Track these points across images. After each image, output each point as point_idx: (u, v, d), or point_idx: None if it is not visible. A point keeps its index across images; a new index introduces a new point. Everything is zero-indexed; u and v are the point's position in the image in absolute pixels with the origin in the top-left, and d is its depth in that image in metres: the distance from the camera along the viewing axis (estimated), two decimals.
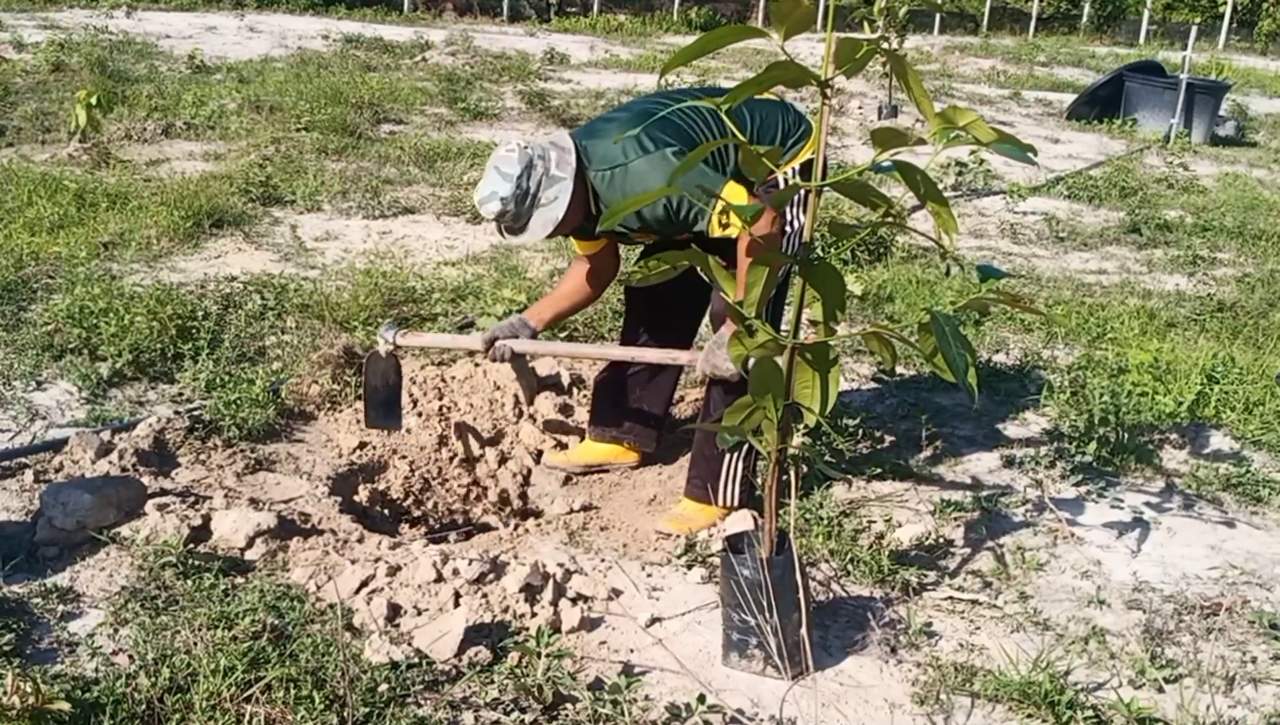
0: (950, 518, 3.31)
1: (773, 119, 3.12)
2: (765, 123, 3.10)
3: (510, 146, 3.02)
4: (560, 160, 2.99)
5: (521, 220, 3.01)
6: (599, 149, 3.02)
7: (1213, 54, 18.35)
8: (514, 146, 3.01)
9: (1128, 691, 2.57)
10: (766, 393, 2.25)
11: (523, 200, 2.98)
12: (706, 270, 2.29)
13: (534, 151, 2.99)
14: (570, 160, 2.99)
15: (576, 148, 3.02)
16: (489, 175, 3.01)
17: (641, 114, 3.04)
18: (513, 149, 3.00)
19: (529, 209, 2.99)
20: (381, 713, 2.31)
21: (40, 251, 5.03)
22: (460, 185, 6.96)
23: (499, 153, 3.03)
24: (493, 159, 3.03)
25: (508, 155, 3.00)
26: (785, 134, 3.12)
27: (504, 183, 2.97)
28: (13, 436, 3.46)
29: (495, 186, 2.98)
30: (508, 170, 2.98)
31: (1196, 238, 6.93)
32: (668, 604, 2.83)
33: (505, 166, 2.98)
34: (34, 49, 10.35)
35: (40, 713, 2.12)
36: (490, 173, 3.01)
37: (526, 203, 2.98)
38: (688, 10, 19.59)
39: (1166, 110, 10.88)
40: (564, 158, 2.99)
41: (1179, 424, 4.02)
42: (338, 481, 3.43)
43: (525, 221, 3.01)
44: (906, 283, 5.45)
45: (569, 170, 2.97)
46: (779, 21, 1.89)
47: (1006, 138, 2.02)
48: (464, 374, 4.04)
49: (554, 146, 3.02)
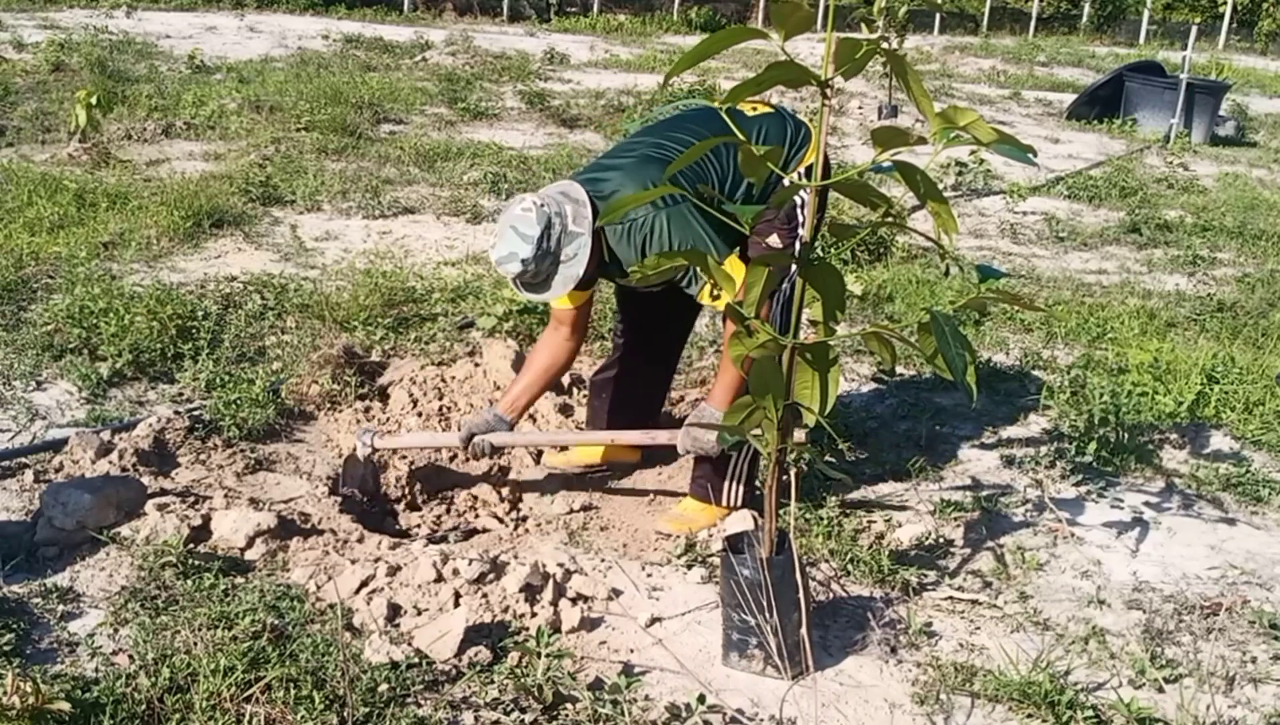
0: (950, 518, 3.31)
1: (777, 130, 3.12)
2: (769, 136, 3.10)
3: (526, 206, 2.95)
4: (576, 215, 2.95)
5: (541, 277, 2.98)
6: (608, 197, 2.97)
7: (1213, 54, 18.34)
8: (530, 206, 2.94)
9: (1128, 691, 2.57)
10: (766, 393, 2.25)
11: (544, 259, 2.93)
12: (706, 270, 2.29)
13: (550, 209, 2.93)
14: (586, 214, 2.95)
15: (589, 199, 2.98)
16: (506, 235, 2.95)
17: (644, 159, 3.01)
18: (529, 208, 2.94)
19: (550, 267, 2.96)
20: (381, 713, 2.31)
21: (40, 251, 5.03)
22: (460, 185, 6.96)
23: (514, 212, 2.97)
24: (508, 218, 2.97)
25: (524, 215, 2.94)
26: (789, 143, 3.12)
27: (524, 244, 2.91)
28: (13, 436, 3.46)
29: (514, 247, 2.93)
30: (526, 231, 2.92)
31: (1196, 238, 6.93)
32: (668, 604, 2.83)
33: (524, 227, 2.92)
34: (34, 49, 10.35)
35: (40, 713, 2.12)
36: (507, 232, 2.95)
37: (548, 261, 2.95)
38: (688, 10, 19.59)
39: (1166, 110, 10.88)
40: (580, 212, 2.95)
41: (1179, 424, 4.02)
42: (338, 481, 3.42)
43: (546, 279, 2.98)
44: (906, 283, 5.45)
45: (586, 224, 2.94)
46: (779, 22, 1.90)
47: (1006, 138, 2.02)
48: (464, 374, 4.04)
49: (568, 200, 2.97)
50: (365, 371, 4.03)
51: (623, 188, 2.99)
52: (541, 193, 3.02)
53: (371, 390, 3.94)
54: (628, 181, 2.99)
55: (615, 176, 3.03)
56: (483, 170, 7.16)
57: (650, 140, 3.15)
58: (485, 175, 7.03)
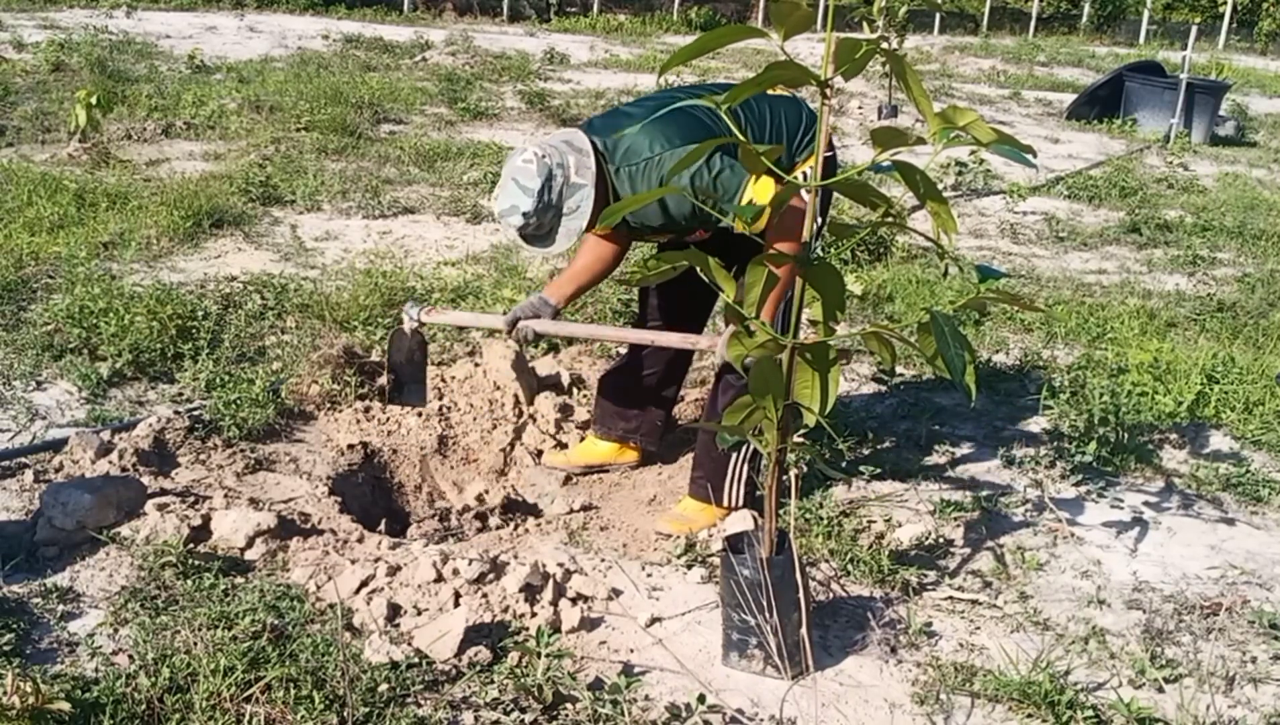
0: (950, 518, 3.31)
1: (793, 114, 3.09)
2: (786, 117, 3.06)
3: (527, 156, 2.89)
4: (579, 165, 2.89)
5: (545, 230, 2.93)
6: (621, 145, 2.92)
7: (1213, 54, 18.35)
8: (531, 157, 2.88)
9: (1128, 691, 2.57)
10: (766, 393, 2.25)
11: (545, 212, 2.88)
12: (706, 271, 2.29)
13: (552, 160, 2.88)
14: (589, 164, 2.90)
15: (594, 146, 2.93)
16: (507, 187, 2.90)
17: (660, 108, 2.93)
18: (530, 159, 2.88)
19: (553, 220, 2.91)
20: (381, 713, 2.31)
21: (40, 251, 5.03)
22: (460, 185, 6.96)
23: (515, 163, 2.91)
24: (509, 169, 2.92)
25: (525, 166, 2.88)
26: (805, 130, 3.08)
27: (525, 197, 2.87)
28: (13, 436, 3.46)
29: (515, 200, 2.88)
30: (527, 183, 2.86)
31: (1196, 238, 6.93)
32: (668, 604, 2.83)
33: (524, 179, 2.87)
34: (34, 49, 10.35)
35: (40, 713, 2.12)
36: (508, 185, 2.90)
37: (550, 214, 2.90)
38: (688, 10, 19.59)
39: (1166, 110, 10.88)
40: (583, 162, 2.90)
41: (1179, 424, 4.02)
42: (338, 481, 3.43)
43: (549, 231, 2.93)
44: (906, 283, 5.45)
45: (589, 175, 2.88)
46: (779, 22, 1.89)
47: (1006, 138, 2.02)
48: (464, 374, 4.04)
49: (571, 149, 2.91)
50: (365, 371, 4.03)
51: (637, 137, 2.91)
52: (544, 142, 2.95)
53: (371, 390, 3.94)
54: (642, 130, 2.90)
55: (629, 122, 2.94)
56: (483, 170, 7.16)
57: (665, 95, 3.08)
58: (485, 175, 7.03)
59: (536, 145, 2.93)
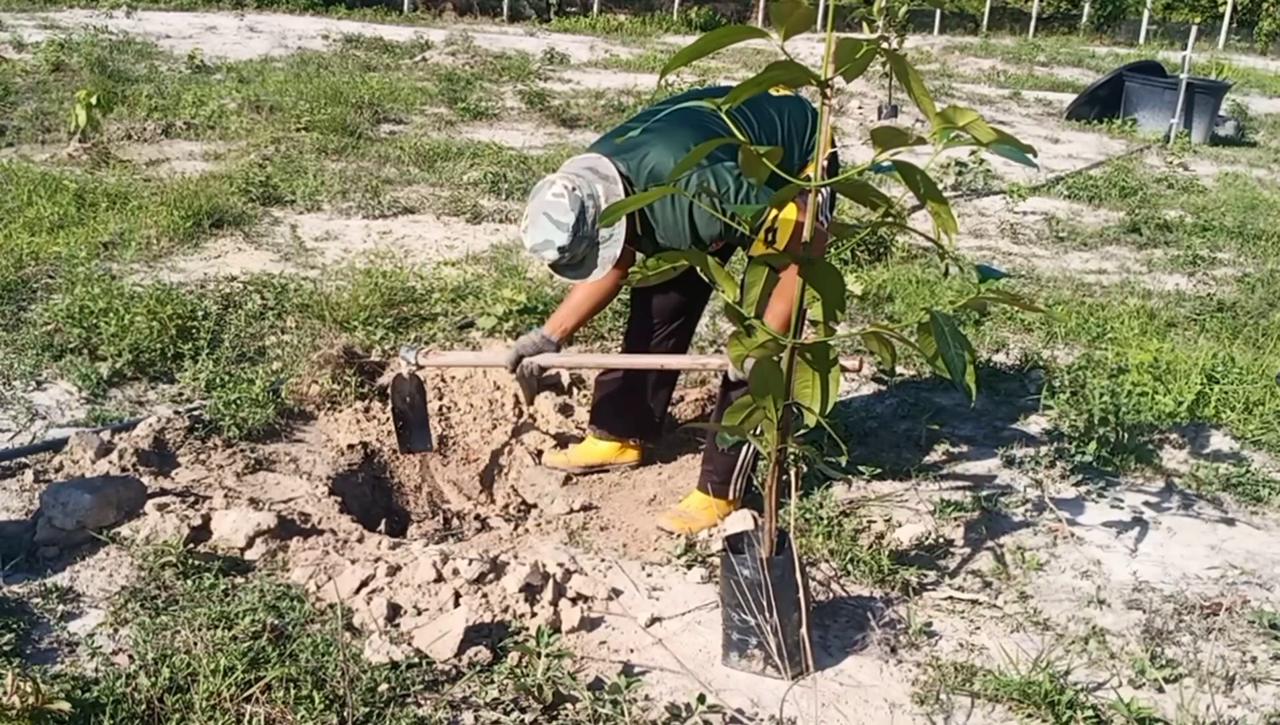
0: (950, 518, 3.31)
1: (800, 114, 3.10)
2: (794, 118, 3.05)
3: (557, 190, 2.89)
4: (609, 192, 2.91)
5: (579, 260, 2.95)
6: (645, 167, 2.93)
7: (1213, 54, 18.35)
8: (561, 191, 2.89)
9: (1128, 691, 2.57)
10: (766, 393, 2.25)
11: (580, 243, 2.90)
12: (706, 271, 2.29)
13: (583, 191, 2.88)
14: (618, 191, 2.92)
15: (619, 171, 2.94)
16: (539, 222, 2.90)
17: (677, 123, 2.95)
18: (560, 193, 2.88)
19: (588, 249, 2.93)
20: (381, 713, 2.31)
21: (40, 251, 5.03)
22: (460, 185, 6.96)
23: (545, 197, 2.91)
24: (539, 204, 2.91)
25: (557, 201, 2.88)
26: (812, 130, 3.09)
27: (559, 232, 2.88)
28: (13, 436, 3.46)
29: (550, 236, 2.89)
30: (561, 217, 2.87)
31: (1196, 238, 6.93)
32: (668, 604, 2.83)
33: (557, 214, 2.88)
34: (34, 49, 10.35)
35: (40, 713, 2.12)
36: (540, 220, 2.90)
37: (584, 245, 2.92)
38: (688, 10, 19.59)
39: (1166, 110, 10.88)
40: (611, 190, 2.91)
41: (1179, 424, 4.02)
42: (338, 481, 3.43)
43: (583, 261, 2.96)
44: (906, 283, 5.45)
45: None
46: (779, 22, 1.89)
47: (1006, 138, 2.02)
48: (464, 374, 4.04)
49: (599, 177, 2.92)
50: (365, 371, 4.03)
51: (661, 158, 2.92)
52: (569, 173, 2.95)
53: (371, 390, 3.94)
54: (665, 150, 2.91)
55: (649, 146, 2.95)
56: (483, 170, 7.16)
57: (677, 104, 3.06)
58: (485, 175, 7.03)
59: (564, 177, 2.93)
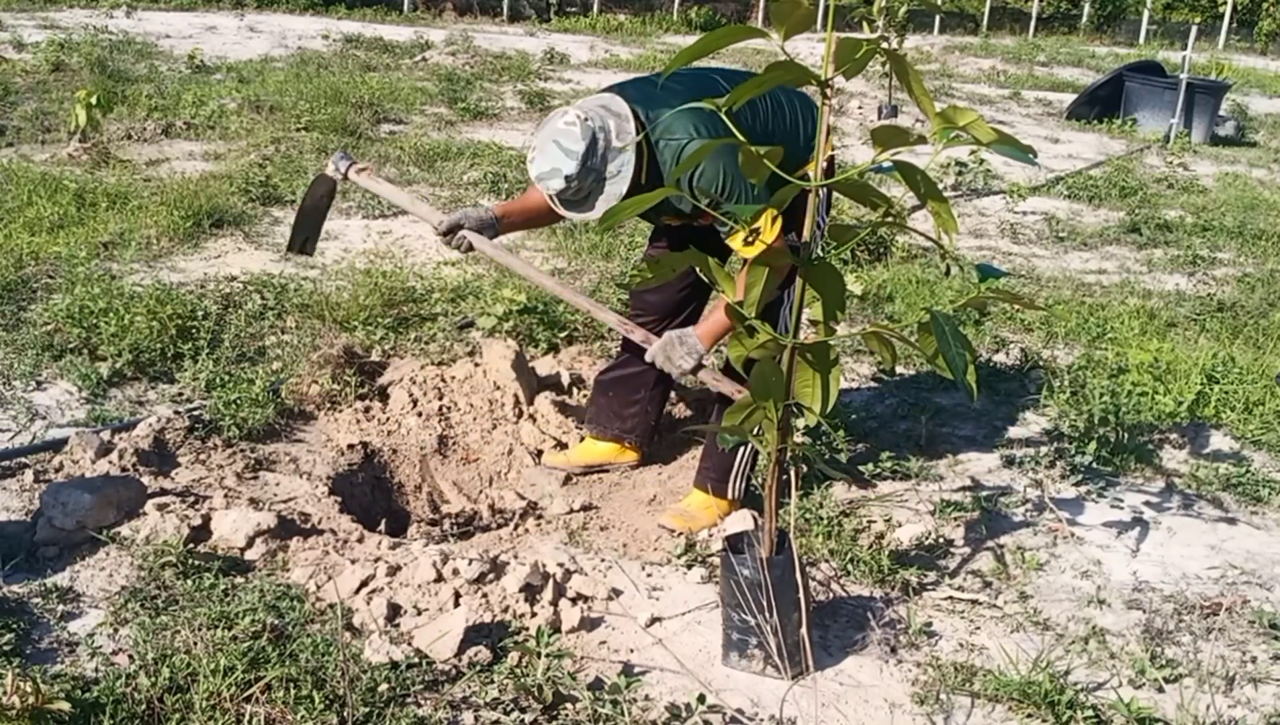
0: (950, 518, 3.31)
1: (806, 108, 3.10)
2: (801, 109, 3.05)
3: (569, 119, 2.85)
4: (620, 129, 2.85)
5: (583, 194, 2.88)
6: (665, 119, 2.87)
7: (1213, 54, 18.34)
8: (574, 119, 2.84)
9: (1128, 691, 2.57)
10: (767, 393, 2.25)
11: (588, 176, 2.84)
12: (706, 271, 2.29)
13: (595, 123, 2.83)
14: (629, 128, 2.85)
15: (634, 113, 2.89)
16: (547, 149, 2.85)
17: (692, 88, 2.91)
18: (573, 122, 2.83)
19: (594, 183, 2.86)
20: (381, 713, 2.31)
21: (40, 251, 5.03)
22: (460, 185, 6.96)
23: (556, 125, 2.86)
24: (549, 131, 2.86)
25: (568, 129, 2.83)
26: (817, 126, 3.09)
27: (568, 160, 2.81)
28: (13, 436, 3.46)
29: (558, 163, 2.83)
30: (571, 146, 2.81)
31: (1196, 238, 6.93)
32: (668, 604, 2.83)
33: (568, 142, 2.82)
34: (34, 49, 10.34)
35: (40, 713, 2.12)
36: (549, 146, 2.85)
37: (591, 178, 2.85)
38: (688, 10, 19.59)
39: (1166, 110, 10.88)
40: (623, 126, 2.86)
41: (1179, 424, 4.02)
42: (338, 481, 3.43)
43: (588, 196, 2.88)
44: (906, 283, 5.45)
45: (629, 140, 2.84)
46: (779, 22, 1.89)
47: (1006, 138, 2.02)
48: (464, 374, 4.04)
49: (610, 115, 2.87)
50: (365, 371, 4.03)
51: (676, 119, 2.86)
52: (583, 106, 2.91)
53: (371, 390, 3.94)
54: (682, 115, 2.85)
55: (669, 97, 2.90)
56: (483, 170, 7.16)
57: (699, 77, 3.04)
58: (485, 175, 7.03)
59: (577, 108, 2.89)
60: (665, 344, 2.98)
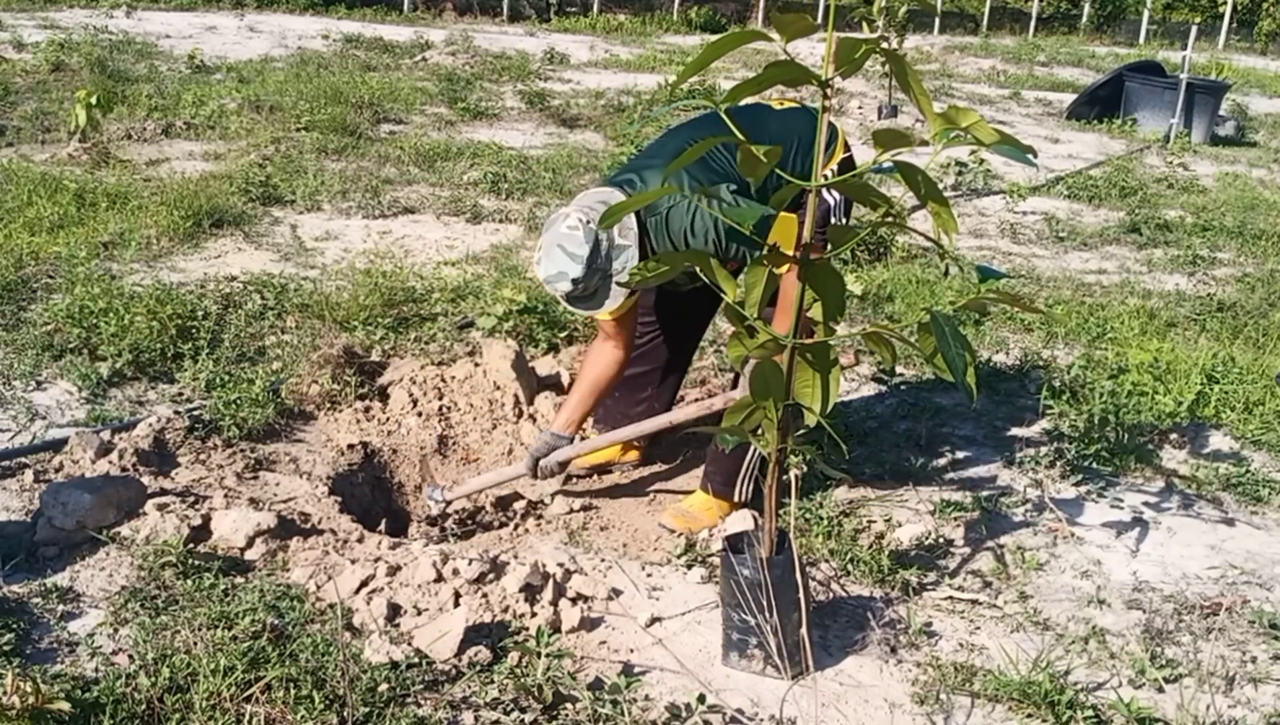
0: (950, 518, 3.31)
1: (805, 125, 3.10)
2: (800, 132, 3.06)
3: (571, 223, 2.93)
4: (622, 226, 2.94)
5: (591, 291, 2.98)
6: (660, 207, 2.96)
7: (1213, 54, 18.34)
8: (575, 223, 2.92)
9: (1128, 691, 2.57)
10: (767, 393, 2.25)
11: (594, 276, 2.94)
12: (707, 271, 2.29)
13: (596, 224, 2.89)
14: (631, 223, 2.95)
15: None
16: (552, 254, 2.93)
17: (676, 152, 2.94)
18: (574, 226, 2.92)
19: (600, 282, 2.96)
20: (381, 713, 2.31)
21: (40, 251, 5.03)
22: (460, 185, 6.96)
23: (559, 229, 2.94)
24: (553, 236, 2.95)
25: (571, 234, 2.92)
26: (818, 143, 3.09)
27: (573, 264, 2.91)
28: (13, 436, 3.46)
29: (563, 267, 2.92)
30: (575, 250, 2.91)
31: (1196, 238, 6.93)
32: (668, 604, 2.83)
33: (571, 246, 2.91)
34: (34, 49, 10.34)
35: (40, 712, 2.12)
36: (554, 251, 2.93)
37: (597, 277, 2.95)
38: (688, 10, 19.58)
39: (1166, 110, 10.87)
40: (624, 223, 2.94)
41: (1179, 424, 4.02)
42: (338, 481, 3.43)
43: (595, 293, 2.99)
44: (906, 283, 5.45)
45: (632, 236, 2.94)
46: (781, 32, 1.89)
47: (1006, 138, 2.02)
48: (464, 374, 4.04)
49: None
50: (365, 371, 4.03)
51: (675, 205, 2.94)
52: (582, 205, 2.99)
53: (371, 390, 3.94)
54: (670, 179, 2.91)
55: (651, 174, 2.99)
56: (483, 170, 7.16)
57: (684, 137, 3.12)
58: (485, 175, 7.03)
59: (578, 210, 2.96)
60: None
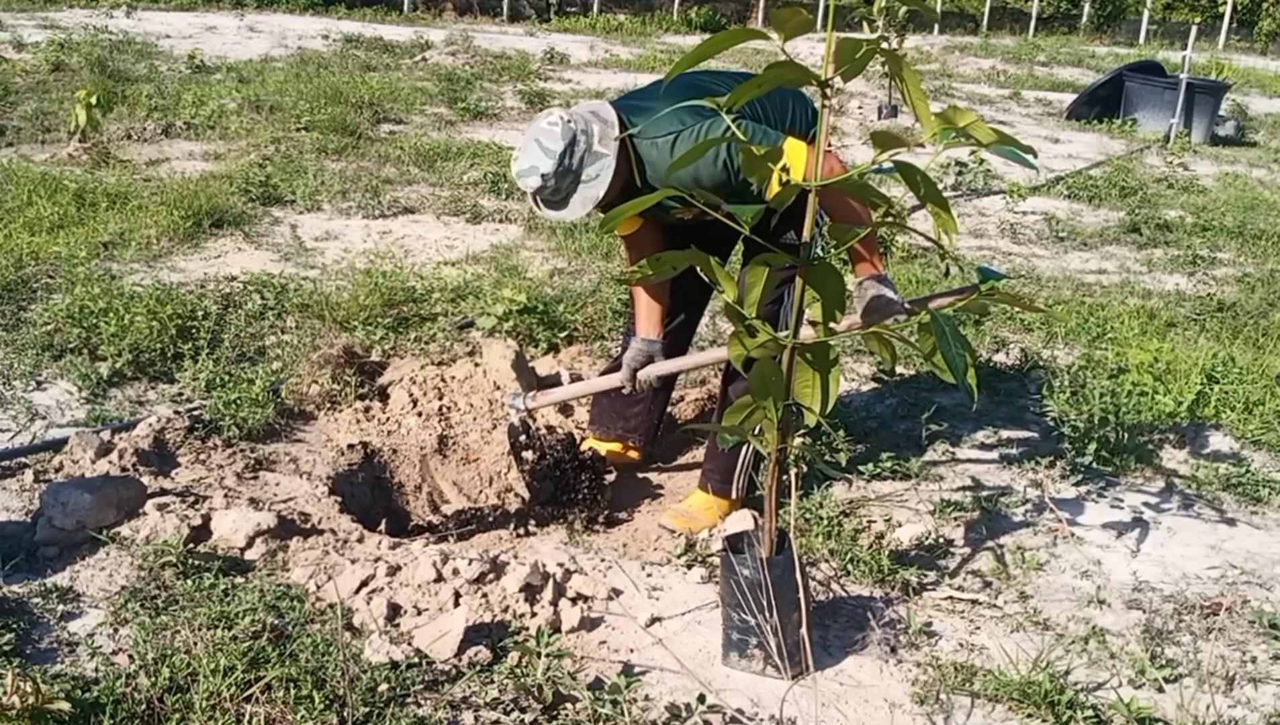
0: (950, 518, 3.31)
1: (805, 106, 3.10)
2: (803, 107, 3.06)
3: (553, 120, 2.90)
4: (603, 135, 2.89)
5: (561, 195, 2.92)
6: (649, 118, 2.92)
7: (1213, 54, 18.34)
8: (556, 120, 2.89)
9: (1128, 691, 2.57)
10: (766, 393, 2.25)
11: (564, 176, 2.88)
12: (707, 270, 2.29)
13: (577, 126, 2.87)
14: (613, 134, 2.89)
15: (621, 119, 2.92)
16: (529, 147, 2.90)
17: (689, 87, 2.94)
18: (555, 122, 2.88)
19: (570, 185, 2.90)
20: (381, 713, 2.31)
21: (40, 251, 5.03)
22: (460, 185, 6.96)
23: (540, 124, 2.91)
24: (533, 130, 2.92)
25: (549, 129, 2.88)
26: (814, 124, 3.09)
27: (545, 158, 2.86)
28: (13, 436, 3.46)
29: (536, 161, 2.88)
30: (550, 145, 2.86)
31: (1196, 238, 6.93)
32: (668, 604, 2.83)
33: (548, 141, 2.87)
34: (34, 49, 10.34)
35: (40, 713, 2.12)
36: (530, 145, 2.90)
37: (568, 180, 2.89)
38: (688, 10, 19.59)
39: (1166, 110, 10.87)
40: (606, 132, 2.89)
41: (1179, 424, 4.02)
42: (338, 481, 3.43)
43: (565, 197, 2.92)
44: (906, 283, 5.45)
45: (612, 147, 2.88)
46: (778, 29, 1.89)
47: (1006, 138, 2.02)
48: (464, 374, 4.04)
49: (597, 119, 2.91)
50: (365, 371, 4.03)
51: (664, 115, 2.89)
52: (571, 109, 2.96)
53: (371, 390, 3.94)
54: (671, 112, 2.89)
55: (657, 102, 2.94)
56: (483, 170, 7.16)
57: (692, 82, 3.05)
58: (485, 175, 7.03)
59: (563, 110, 2.94)
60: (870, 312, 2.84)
